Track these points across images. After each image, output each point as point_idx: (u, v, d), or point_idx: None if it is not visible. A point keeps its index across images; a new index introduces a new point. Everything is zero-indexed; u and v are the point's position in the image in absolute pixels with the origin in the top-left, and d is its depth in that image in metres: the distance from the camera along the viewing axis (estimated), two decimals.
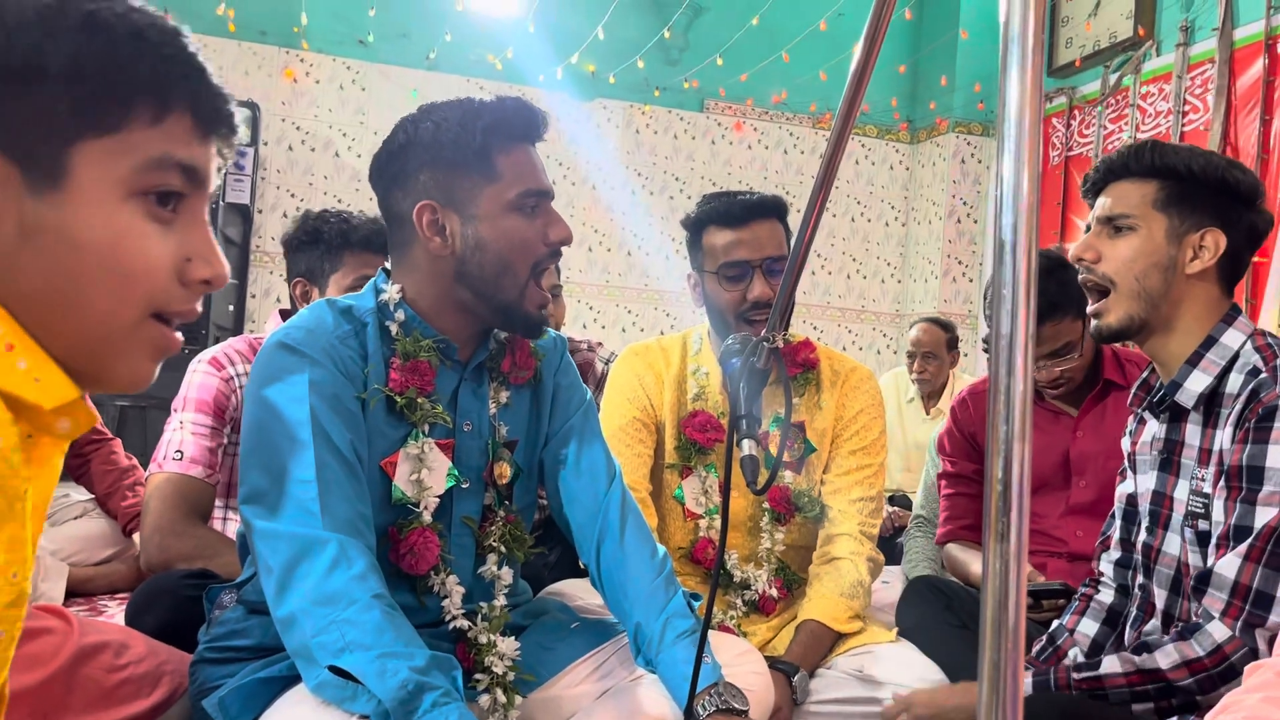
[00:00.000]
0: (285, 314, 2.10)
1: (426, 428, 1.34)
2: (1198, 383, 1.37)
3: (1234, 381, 1.35)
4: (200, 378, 1.94)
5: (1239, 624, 1.24)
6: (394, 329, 1.34)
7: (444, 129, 1.31)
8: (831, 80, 5.38)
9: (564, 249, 1.39)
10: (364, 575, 1.16)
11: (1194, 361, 1.38)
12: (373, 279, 1.41)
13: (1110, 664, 1.31)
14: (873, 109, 5.83)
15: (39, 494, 0.67)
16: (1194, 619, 1.31)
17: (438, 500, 1.34)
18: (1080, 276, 1.45)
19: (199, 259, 0.72)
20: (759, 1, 5.11)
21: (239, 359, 1.97)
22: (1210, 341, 1.38)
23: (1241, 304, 4.03)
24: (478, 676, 1.31)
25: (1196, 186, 1.39)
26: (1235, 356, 1.36)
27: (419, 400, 1.33)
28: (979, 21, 5.40)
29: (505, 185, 1.32)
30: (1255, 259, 4.01)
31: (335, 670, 1.10)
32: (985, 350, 3.04)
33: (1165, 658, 1.27)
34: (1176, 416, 1.43)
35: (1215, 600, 1.26)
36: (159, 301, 0.71)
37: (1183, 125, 4.39)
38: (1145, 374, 1.49)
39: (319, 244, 2.02)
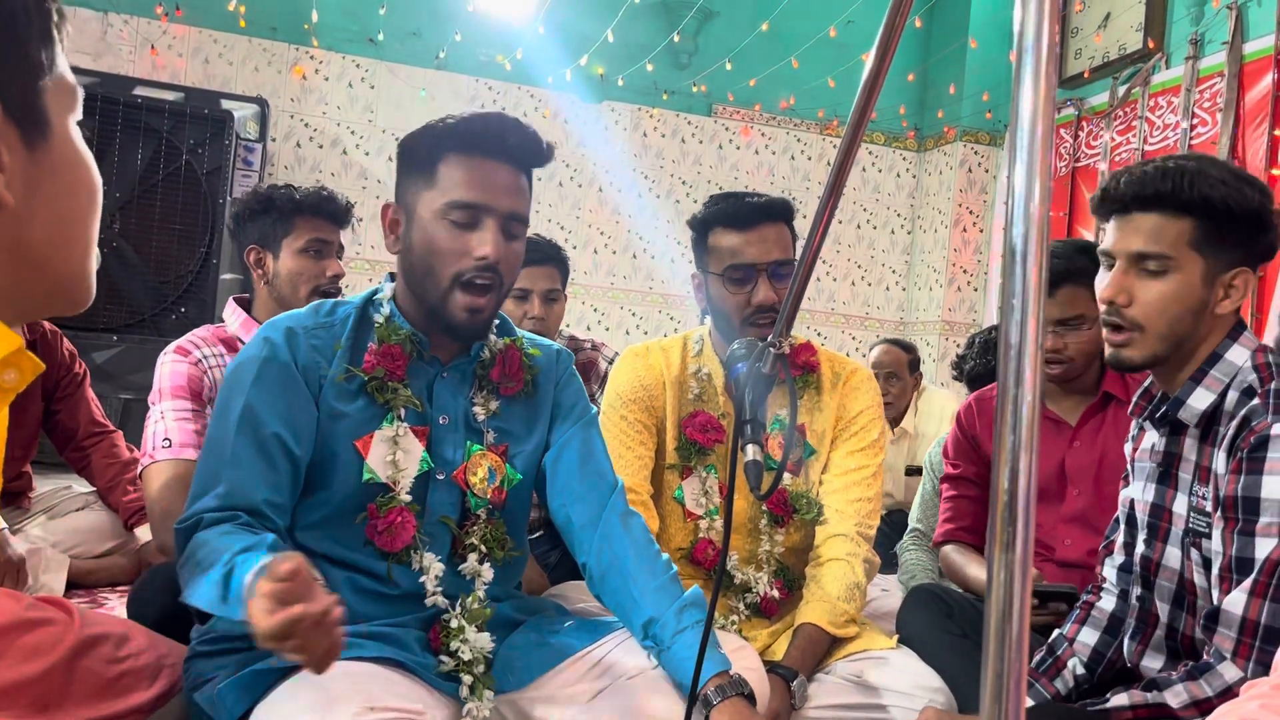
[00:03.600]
0: (241, 301, 2.14)
1: (402, 412, 1.39)
2: (1201, 400, 1.34)
3: (1231, 399, 1.33)
4: (170, 367, 2.00)
5: (1251, 663, 1.22)
6: (379, 319, 1.42)
7: (416, 133, 1.40)
8: (840, 87, 5.38)
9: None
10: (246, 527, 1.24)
11: (1198, 378, 1.35)
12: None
13: (1119, 699, 1.29)
14: (881, 116, 5.83)
15: None
16: (1199, 637, 1.30)
17: (413, 482, 1.38)
18: (1101, 314, 1.37)
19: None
20: (769, 7, 5.12)
21: (204, 344, 2.05)
22: (1215, 358, 1.35)
23: (1246, 318, 4.02)
24: (443, 658, 1.33)
25: (1234, 224, 1.30)
26: (1238, 373, 1.34)
27: (389, 383, 1.39)
28: (988, 30, 5.39)
29: (439, 193, 1.36)
30: (1259, 273, 4.02)
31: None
32: (955, 377, 2.99)
33: (1175, 697, 1.26)
34: (1176, 430, 1.41)
35: (1225, 639, 1.25)
36: None
37: (1191, 138, 4.39)
38: (1147, 383, 1.47)
39: (270, 211, 2.11)
